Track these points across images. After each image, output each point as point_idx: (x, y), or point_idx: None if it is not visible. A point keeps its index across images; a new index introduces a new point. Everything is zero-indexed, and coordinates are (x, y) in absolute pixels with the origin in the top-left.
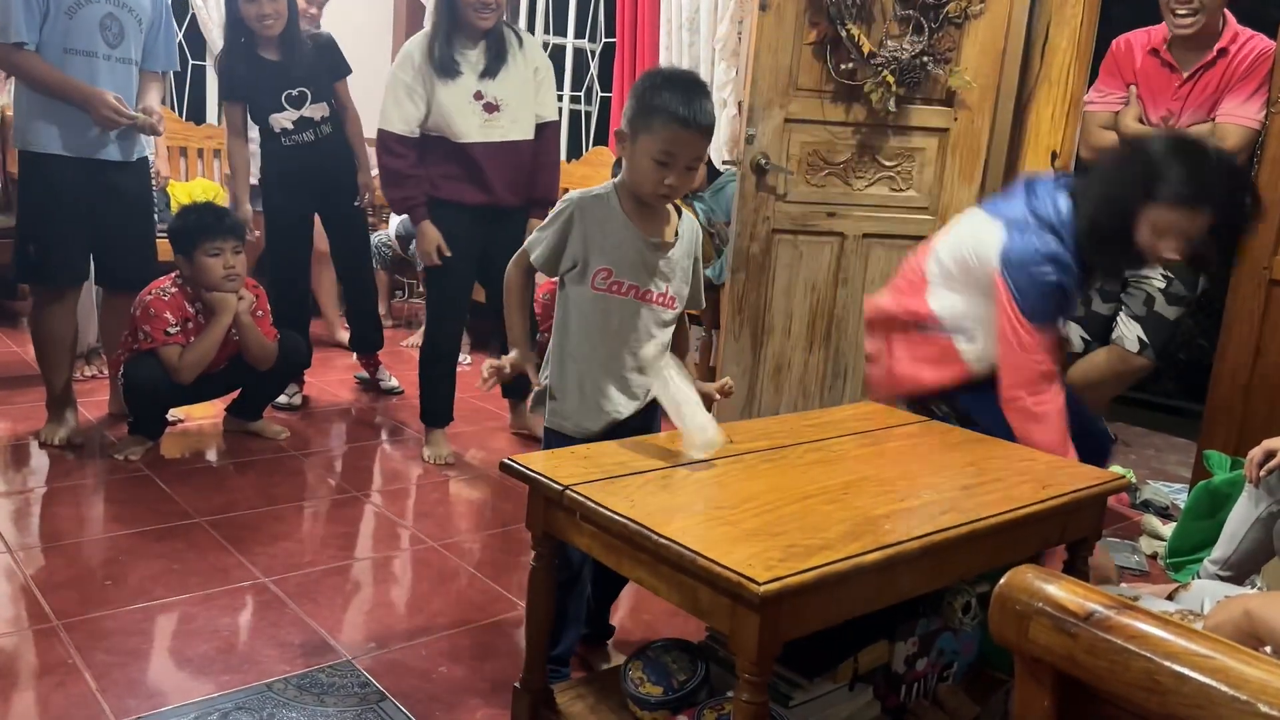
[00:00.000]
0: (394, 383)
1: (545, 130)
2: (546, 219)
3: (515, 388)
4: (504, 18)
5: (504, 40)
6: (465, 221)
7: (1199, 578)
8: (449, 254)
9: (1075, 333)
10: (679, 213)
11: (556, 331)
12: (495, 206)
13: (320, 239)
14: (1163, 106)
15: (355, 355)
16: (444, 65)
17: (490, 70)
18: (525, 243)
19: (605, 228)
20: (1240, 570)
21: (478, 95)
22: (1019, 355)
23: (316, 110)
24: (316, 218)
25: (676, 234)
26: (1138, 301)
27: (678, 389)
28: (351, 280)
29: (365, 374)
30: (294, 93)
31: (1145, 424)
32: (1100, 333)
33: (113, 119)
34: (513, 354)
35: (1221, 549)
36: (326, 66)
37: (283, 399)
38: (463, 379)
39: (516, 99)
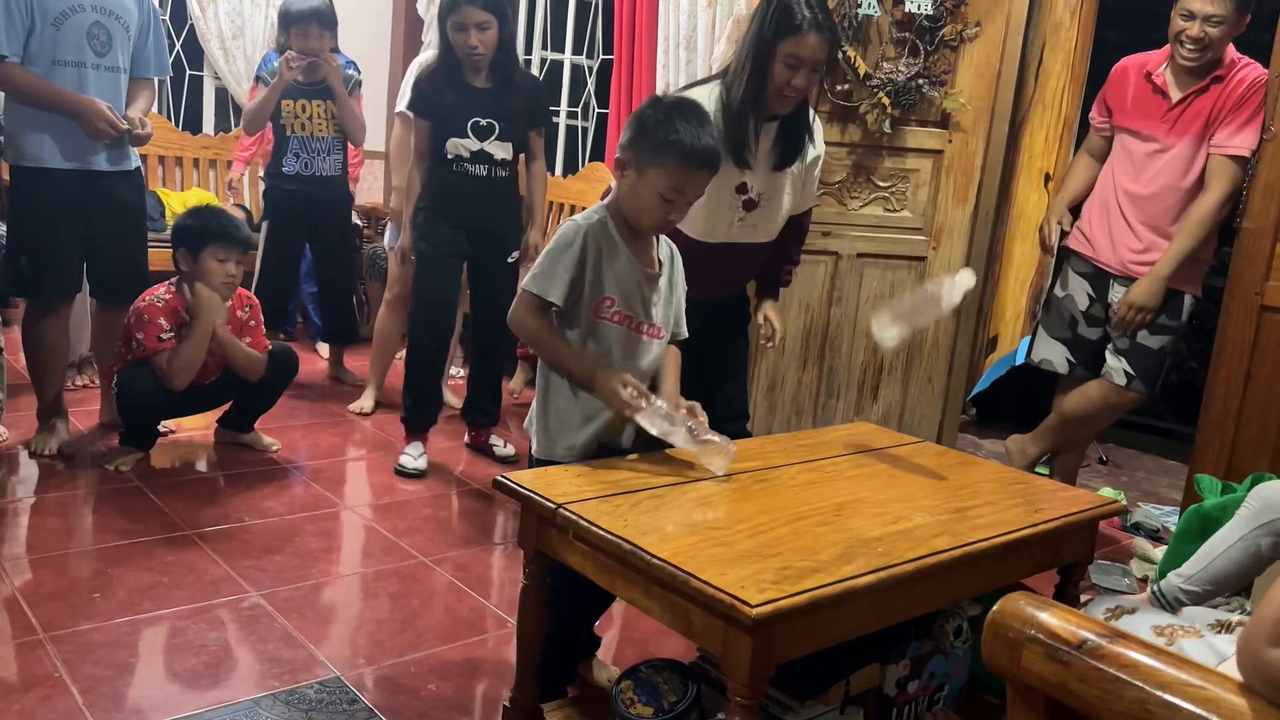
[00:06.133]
0: (510, 450)
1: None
2: (548, 251)
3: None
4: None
5: None
6: None
7: (1159, 589)
8: None
9: (1060, 355)
10: (657, 238)
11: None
12: None
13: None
14: (1153, 128)
15: (466, 426)
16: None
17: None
18: (529, 285)
19: (610, 256)
20: (1204, 588)
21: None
22: None
23: (500, 149)
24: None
25: (659, 262)
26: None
27: (669, 420)
28: (479, 334)
29: (473, 444)
30: (482, 122)
31: (1136, 446)
32: (1087, 359)
33: (106, 131)
34: (610, 380)
35: (1191, 565)
36: (525, 110)
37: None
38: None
39: None
